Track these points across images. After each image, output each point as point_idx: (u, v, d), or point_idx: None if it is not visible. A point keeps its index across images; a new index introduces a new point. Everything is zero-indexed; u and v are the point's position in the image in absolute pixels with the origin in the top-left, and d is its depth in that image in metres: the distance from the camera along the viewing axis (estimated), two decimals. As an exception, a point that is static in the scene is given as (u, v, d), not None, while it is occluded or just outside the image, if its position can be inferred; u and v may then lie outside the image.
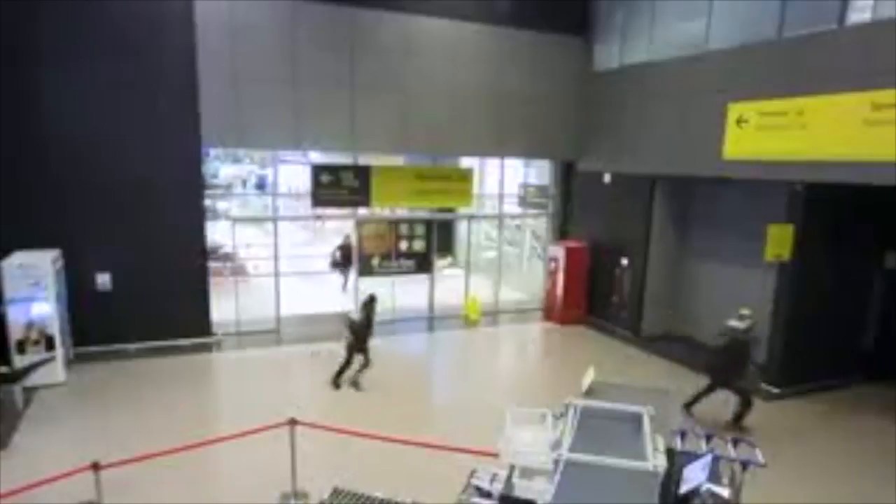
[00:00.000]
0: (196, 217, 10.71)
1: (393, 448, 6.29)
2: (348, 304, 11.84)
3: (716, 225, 11.56)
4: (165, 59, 10.02)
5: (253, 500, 6.06)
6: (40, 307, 8.65)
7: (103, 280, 10.11)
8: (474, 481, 4.36)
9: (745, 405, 8.13)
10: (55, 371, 8.78)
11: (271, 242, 11.96)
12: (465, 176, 12.59)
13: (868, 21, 7.99)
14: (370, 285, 12.50)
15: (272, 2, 10.62)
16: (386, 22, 11.45)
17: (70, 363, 9.47)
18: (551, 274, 13.63)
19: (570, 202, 14.15)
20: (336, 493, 5.47)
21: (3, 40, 9.01)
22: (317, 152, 13.79)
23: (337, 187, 11.37)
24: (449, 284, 14.19)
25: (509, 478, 3.80)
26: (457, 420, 8.36)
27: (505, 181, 14.05)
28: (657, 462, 3.38)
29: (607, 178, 12.84)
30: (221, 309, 11.44)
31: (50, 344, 8.74)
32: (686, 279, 12.27)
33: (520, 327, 13.42)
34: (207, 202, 11.34)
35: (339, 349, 9.44)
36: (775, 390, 9.43)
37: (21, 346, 8.62)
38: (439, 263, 14.63)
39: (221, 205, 15.17)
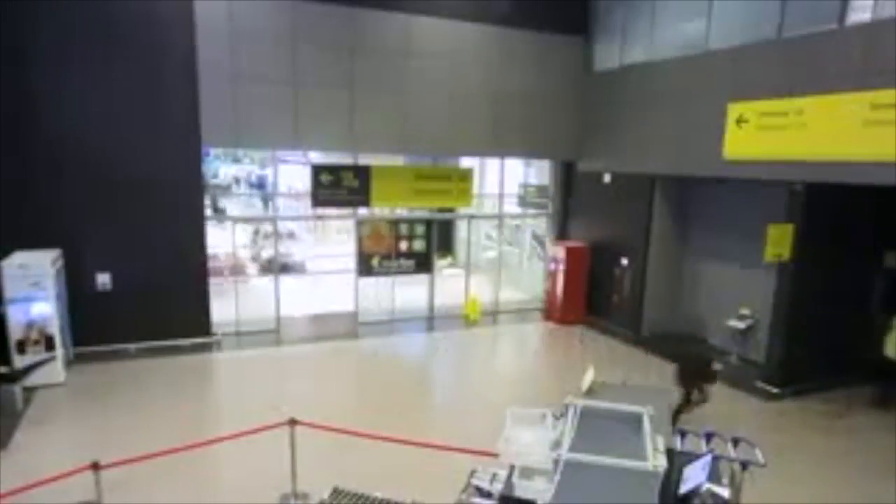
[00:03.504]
0: (196, 217, 10.71)
1: (393, 448, 6.29)
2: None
3: (716, 225, 11.56)
4: (166, 59, 10.02)
5: (253, 500, 6.06)
6: (40, 307, 8.64)
7: (103, 280, 10.11)
8: (474, 481, 4.35)
9: None
10: (55, 371, 8.79)
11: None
12: (465, 176, 12.58)
13: (868, 21, 7.98)
14: (370, 285, 12.61)
15: (272, 2, 10.62)
16: (386, 22, 11.44)
17: (70, 363, 9.48)
18: (551, 274, 13.64)
19: (570, 202, 14.15)
20: (336, 493, 5.47)
21: (5, 41, 9.03)
22: (317, 152, 13.79)
23: (337, 187, 11.37)
24: (449, 284, 14.18)
25: (509, 478, 3.79)
26: (457, 420, 8.36)
27: (505, 181, 14.05)
28: (657, 462, 3.37)
29: (607, 178, 12.84)
30: (221, 309, 11.44)
31: (50, 344, 8.74)
32: (686, 279, 12.26)
33: (520, 327, 13.42)
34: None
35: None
36: (774, 390, 9.43)
37: (21, 346, 8.62)
38: (439, 263, 14.63)
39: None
